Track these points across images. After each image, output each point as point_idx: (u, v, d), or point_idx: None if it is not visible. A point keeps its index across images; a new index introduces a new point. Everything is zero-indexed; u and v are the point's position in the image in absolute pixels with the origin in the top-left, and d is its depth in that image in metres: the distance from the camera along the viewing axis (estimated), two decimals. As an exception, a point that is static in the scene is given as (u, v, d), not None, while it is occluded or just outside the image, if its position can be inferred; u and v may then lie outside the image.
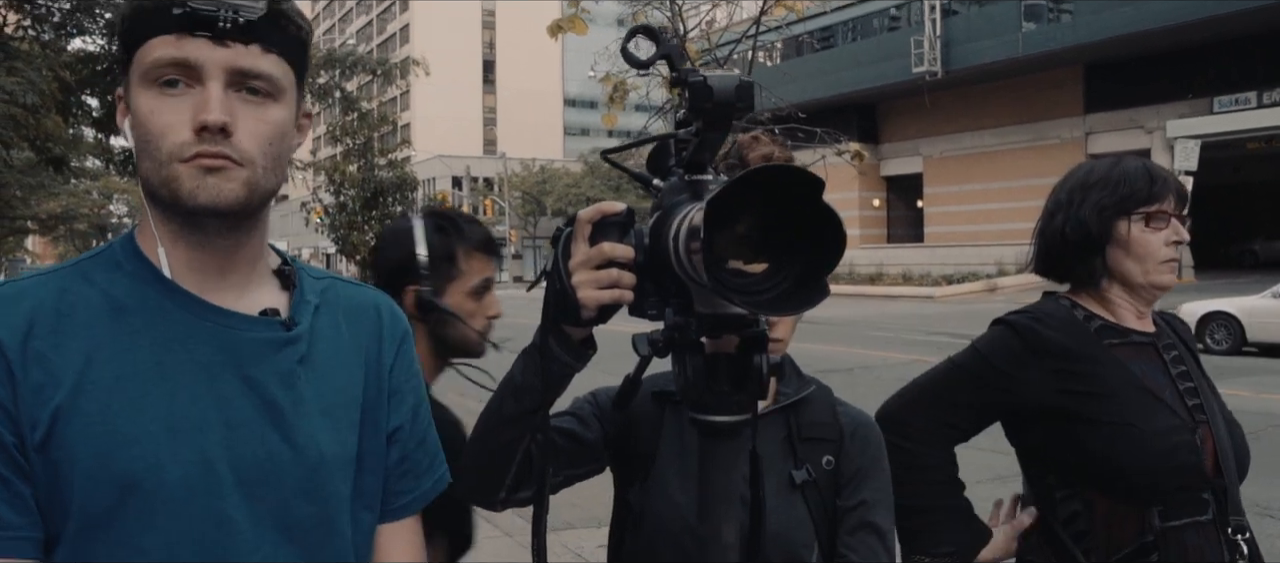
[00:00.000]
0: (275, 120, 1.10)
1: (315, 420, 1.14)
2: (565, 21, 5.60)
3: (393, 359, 1.27)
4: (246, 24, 1.05)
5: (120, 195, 42.04)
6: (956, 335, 18.63)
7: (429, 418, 1.33)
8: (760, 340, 1.12)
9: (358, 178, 13.61)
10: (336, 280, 1.29)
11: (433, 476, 1.31)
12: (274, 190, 1.14)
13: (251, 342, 1.12)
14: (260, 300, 1.17)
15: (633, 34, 1.18)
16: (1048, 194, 2.04)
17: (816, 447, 1.59)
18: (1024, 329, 1.87)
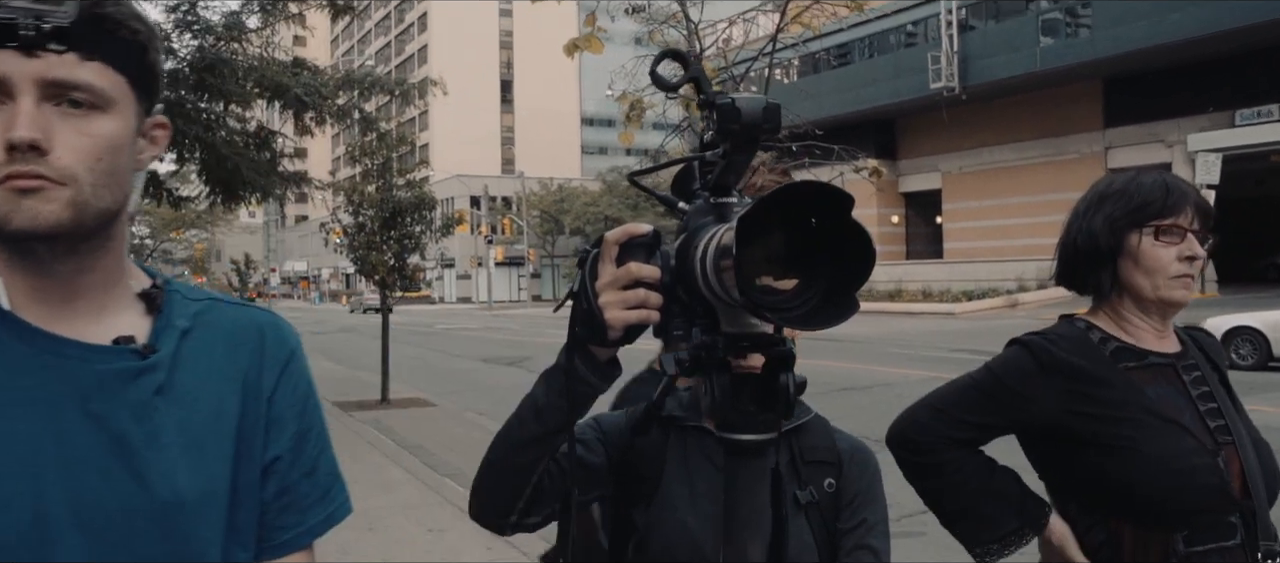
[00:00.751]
0: (103, 133, 1.01)
1: (175, 455, 1.05)
2: (582, 41, 5.61)
3: (274, 385, 1.17)
4: (58, 31, 0.97)
5: (142, 217, 42.39)
6: (977, 352, 18.53)
7: (321, 446, 1.23)
8: (786, 359, 1.13)
9: (376, 198, 13.62)
10: (219, 301, 1.20)
11: (324, 509, 1.21)
12: (113, 208, 1.05)
13: (98, 373, 1.03)
14: (117, 327, 1.08)
15: (661, 58, 1.19)
16: (1068, 209, 2.04)
17: (818, 470, 1.61)
18: (1038, 349, 1.85)
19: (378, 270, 13.54)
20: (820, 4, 5.64)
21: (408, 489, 7.99)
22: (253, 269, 40.82)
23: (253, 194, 12.39)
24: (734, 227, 0.96)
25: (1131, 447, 1.74)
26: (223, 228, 54.15)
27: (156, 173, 13.59)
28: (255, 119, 13.06)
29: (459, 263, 71.40)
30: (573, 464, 1.29)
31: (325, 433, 1.25)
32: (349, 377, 17.93)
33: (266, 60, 11.58)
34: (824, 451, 1.64)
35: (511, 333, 31.16)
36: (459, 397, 14.75)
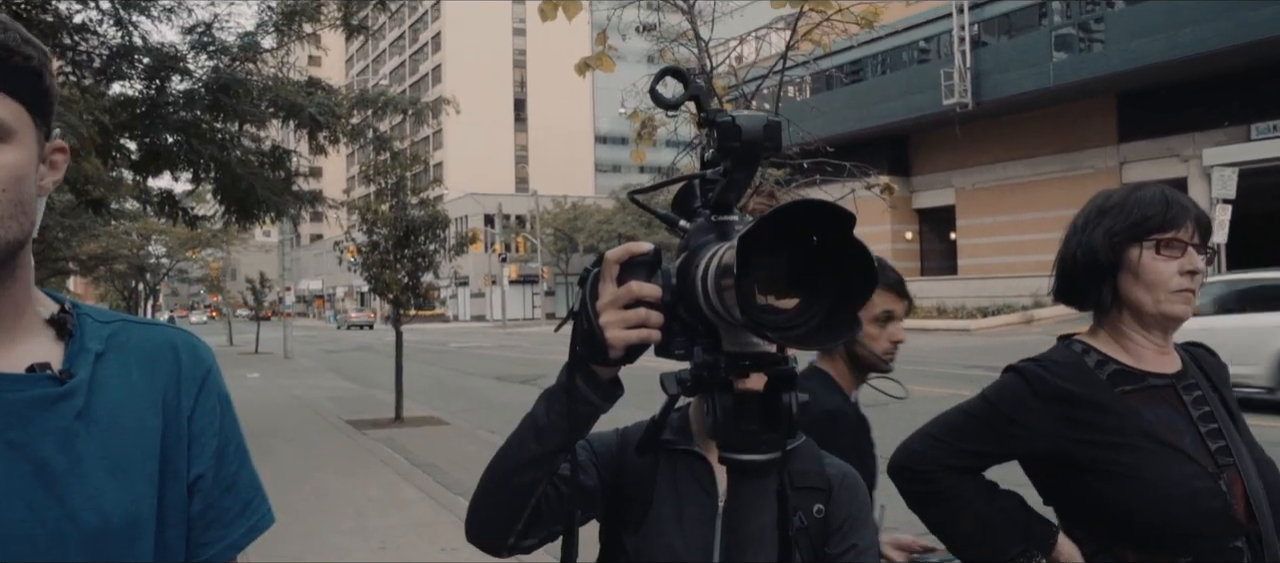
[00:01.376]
0: (7, 164, 1.00)
1: (100, 480, 1.04)
2: (593, 60, 5.61)
3: (192, 403, 1.17)
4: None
5: (158, 236, 42.57)
6: (993, 369, 18.38)
7: (240, 460, 1.22)
8: (789, 379, 1.12)
9: (390, 217, 13.68)
10: (129, 323, 1.18)
11: (245, 522, 1.21)
12: (21, 237, 1.03)
13: (16, 402, 1.02)
14: (30, 354, 1.06)
15: (661, 75, 1.19)
16: None
17: (808, 496, 1.60)
18: (1032, 376, 1.84)
19: (391, 289, 13.58)
20: (831, 21, 5.65)
21: (421, 508, 7.98)
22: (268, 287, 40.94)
23: (267, 213, 12.45)
24: (735, 245, 0.95)
25: (1130, 473, 1.72)
26: (238, 247, 54.38)
27: (172, 192, 13.68)
28: (270, 138, 13.13)
29: (473, 281, 71.52)
30: (575, 485, 1.28)
31: (244, 447, 1.25)
32: (363, 395, 17.97)
33: (281, 80, 11.64)
34: (813, 476, 1.63)
35: (525, 351, 31.16)
36: (472, 415, 14.76)
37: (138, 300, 48.13)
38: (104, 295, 54.09)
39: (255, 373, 23.80)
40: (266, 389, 18.75)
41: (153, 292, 51.36)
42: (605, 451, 1.62)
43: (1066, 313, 15.98)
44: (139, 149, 11.47)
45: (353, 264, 14.73)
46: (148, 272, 46.66)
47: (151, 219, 31.05)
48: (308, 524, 7.24)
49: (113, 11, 10.15)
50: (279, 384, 20.35)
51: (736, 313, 0.97)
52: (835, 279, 1.00)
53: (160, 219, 16.04)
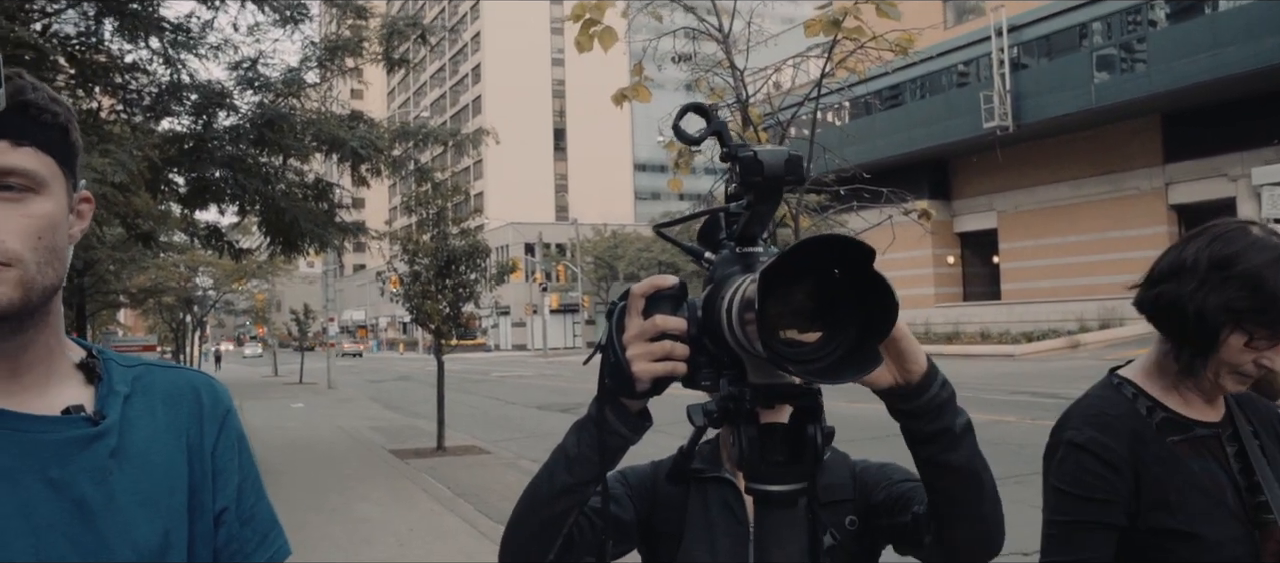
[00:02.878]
0: (40, 214, 1.06)
1: (133, 514, 1.10)
2: (629, 91, 5.67)
3: (214, 440, 1.23)
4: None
5: (205, 268, 43.26)
6: (1039, 394, 18.20)
7: (257, 494, 1.29)
8: (814, 410, 1.13)
9: (432, 247, 13.82)
10: (151, 366, 1.25)
11: (264, 553, 1.27)
12: (54, 284, 1.09)
13: (54, 442, 1.08)
14: (63, 397, 1.12)
15: (684, 112, 1.21)
16: (1129, 247, 1.88)
17: (837, 509, 1.58)
18: (1093, 444, 1.72)
19: (433, 318, 13.69)
20: (866, 49, 5.66)
21: (463, 538, 8.02)
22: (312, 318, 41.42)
23: (311, 245, 12.63)
24: (756, 280, 0.97)
25: (1185, 529, 1.67)
26: (283, 278, 55.09)
27: (218, 226, 13.93)
28: (313, 171, 13.34)
29: (514, 310, 71.88)
30: (607, 514, 1.30)
31: (260, 481, 1.31)
32: (406, 424, 18.09)
33: (324, 114, 11.84)
34: (841, 487, 1.62)
35: (566, 379, 31.22)
36: (514, 444, 14.80)
37: (185, 332, 48.88)
38: (153, 326, 54.97)
39: (299, 403, 24.06)
40: (311, 419, 18.95)
41: (200, 323, 52.12)
42: (640, 482, 1.63)
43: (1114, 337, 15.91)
44: (187, 184, 11.69)
45: (395, 295, 14.88)
46: (195, 303, 47.39)
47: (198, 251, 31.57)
48: (350, 553, 7.30)
49: (162, 50, 10.38)
50: (323, 414, 20.55)
51: (758, 346, 0.99)
52: (858, 313, 1.01)
53: (207, 251, 16.31)
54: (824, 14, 5.45)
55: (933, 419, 1.20)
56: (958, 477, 1.24)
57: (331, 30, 12.36)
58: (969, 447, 1.23)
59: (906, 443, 1.24)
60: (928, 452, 1.22)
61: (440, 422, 13.89)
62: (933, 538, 1.36)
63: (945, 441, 1.21)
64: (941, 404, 1.20)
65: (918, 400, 1.19)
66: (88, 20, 10.11)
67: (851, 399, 1.28)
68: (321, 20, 13.13)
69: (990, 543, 1.32)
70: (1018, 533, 6.24)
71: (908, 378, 1.18)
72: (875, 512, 1.58)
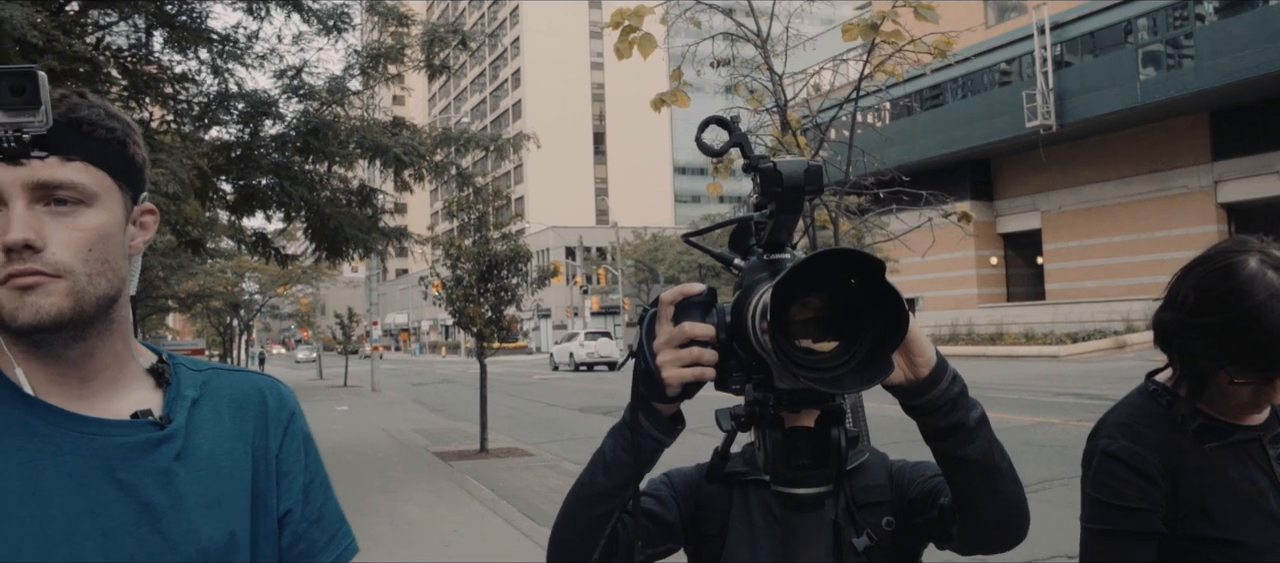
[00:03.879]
0: (91, 226, 1.10)
1: (198, 515, 1.14)
2: (668, 96, 5.71)
3: (279, 443, 1.27)
4: (37, 139, 1.06)
5: (251, 273, 43.93)
6: (1083, 395, 17.98)
7: (325, 493, 1.33)
8: (837, 415, 1.17)
9: (473, 251, 13.91)
10: (220, 371, 1.29)
11: (333, 552, 1.31)
12: (108, 294, 1.13)
13: (122, 445, 1.13)
14: (132, 402, 1.17)
15: (706, 124, 1.25)
16: (1177, 246, 1.85)
17: (874, 511, 1.60)
18: (1127, 454, 1.71)
19: (476, 322, 13.80)
20: (904, 52, 5.65)
21: (507, 539, 8.09)
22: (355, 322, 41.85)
23: (356, 250, 12.79)
24: (770, 291, 1.01)
25: (1228, 538, 1.65)
26: (327, 283, 55.75)
27: (265, 232, 14.16)
28: (357, 177, 13.51)
29: (555, 313, 72.09)
30: (638, 517, 1.34)
31: (327, 481, 1.35)
32: (449, 427, 18.24)
33: (367, 121, 11.99)
34: (879, 489, 1.64)
35: (608, 382, 31.28)
36: (556, 446, 14.88)
37: (232, 336, 49.64)
38: (201, 331, 55.88)
39: (344, 406, 24.33)
40: (355, 422, 19.17)
41: (246, 327, 52.89)
42: (684, 484, 1.67)
43: (1158, 338, 15.39)
44: (234, 191, 11.90)
45: (437, 299, 15.02)
46: (241, 308, 48.11)
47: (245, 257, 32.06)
48: (395, 554, 7.40)
49: (210, 61, 10.59)
50: (367, 417, 20.77)
51: (773, 356, 1.03)
52: (873, 322, 1.05)
53: (253, 257, 16.57)
54: (862, 18, 5.45)
55: (945, 414, 1.22)
56: (976, 469, 1.26)
57: (374, 38, 12.52)
58: (985, 439, 1.25)
59: (924, 439, 1.27)
60: (944, 447, 1.25)
61: (483, 424, 14.00)
62: (959, 529, 1.39)
63: (960, 435, 1.23)
64: (953, 399, 1.22)
65: (928, 396, 1.21)
66: (139, 33, 10.33)
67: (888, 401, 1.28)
68: (363, 28, 13.30)
69: (1014, 530, 1.34)
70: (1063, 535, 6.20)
71: (917, 374, 1.21)
72: (910, 510, 1.60)
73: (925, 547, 1.65)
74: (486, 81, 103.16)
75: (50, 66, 7.09)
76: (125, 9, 9.58)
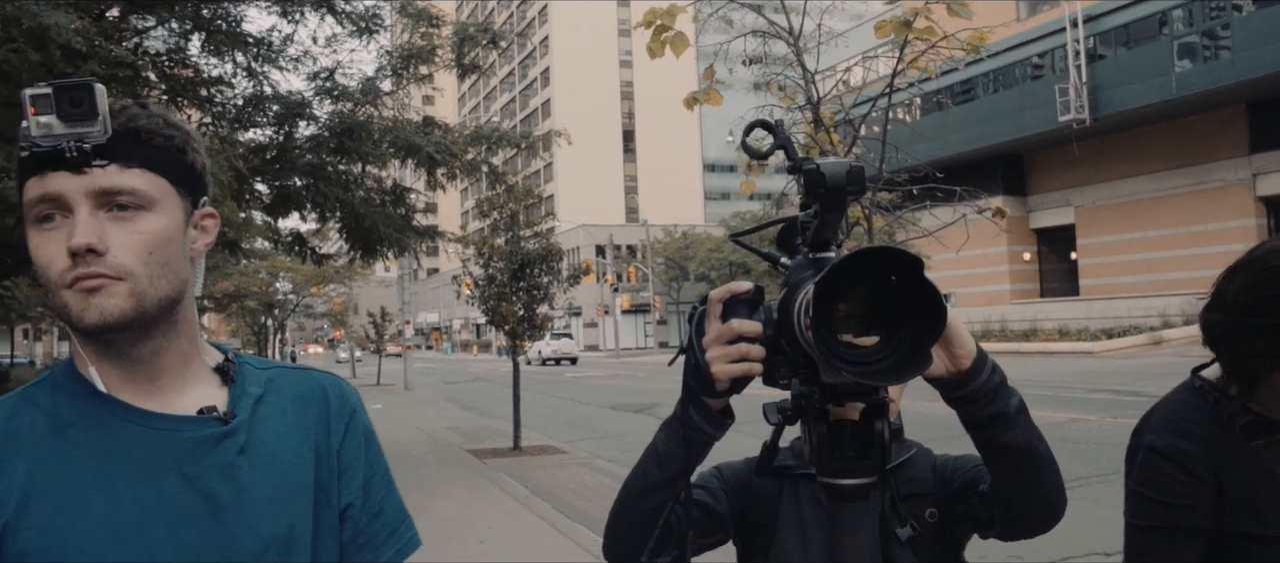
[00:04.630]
0: (150, 230, 1.14)
1: (260, 508, 1.19)
2: (701, 94, 5.73)
3: (340, 439, 1.31)
4: (97, 148, 1.11)
5: (285, 273, 44.37)
6: (1120, 392, 17.82)
7: (386, 488, 1.37)
8: (881, 408, 1.20)
9: (505, 250, 13.99)
10: (284, 369, 1.34)
11: (394, 545, 1.35)
12: (172, 294, 1.18)
13: (188, 440, 1.18)
14: (199, 399, 1.22)
15: (750, 128, 1.29)
16: (1215, 240, 1.84)
17: (918, 502, 1.64)
18: (1177, 453, 1.70)
19: (508, 320, 13.88)
20: (937, 49, 5.64)
21: (542, 536, 8.15)
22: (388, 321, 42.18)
23: (390, 249, 12.91)
24: (813, 289, 1.04)
25: (1273, 535, 1.64)
26: (360, 282, 56.18)
27: (300, 232, 14.31)
28: (391, 177, 13.63)
29: (586, 311, 72.27)
30: (689, 508, 1.38)
31: (389, 476, 1.39)
32: (482, 425, 18.36)
33: (400, 122, 12.10)
34: (923, 481, 1.68)
35: (639, 380, 31.34)
36: (589, 444, 14.94)
37: (266, 335, 50.14)
38: (236, 331, 56.47)
39: (378, 404, 24.53)
40: (390, 420, 19.32)
41: (280, 327, 53.40)
42: (734, 478, 1.71)
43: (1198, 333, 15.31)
44: (270, 192, 12.04)
45: (470, 296, 15.11)
46: (275, 308, 48.57)
47: (278, 257, 32.38)
48: (431, 552, 7.45)
49: (246, 64, 10.72)
50: (401, 416, 20.93)
51: (816, 350, 1.07)
52: (913, 317, 1.08)
53: (288, 257, 16.75)
54: (895, 16, 5.45)
55: (987, 404, 1.26)
56: (1018, 455, 1.31)
57: (405, 39, 12.63)
58: (1025, 426, 1.30)
59: (965, 429, 1.30)
60: (986, 435, 1.29)
61: (516, 422, 14.07)
62: (1000, 514, 1.43)
63: (1001, 423, 1.28)
64: (994, 389, 1.27)
65: (970, 387, 1.25)
66: (176, 37, 10.49)
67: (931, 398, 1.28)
68: (394, 30, 13.41)
69: (1054, 511, 1.39)
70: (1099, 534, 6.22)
71: (958, 366, 1.24)
72: (953, 500, 1.64)
73: (969, 538, 1.67)
74: (516, 80, 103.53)
75: (93, 71, 7.23)
76: (163, 14, 9.73)
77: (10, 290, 15.04)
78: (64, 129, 1.10)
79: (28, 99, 1.10)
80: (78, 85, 1.10)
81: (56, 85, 1.10)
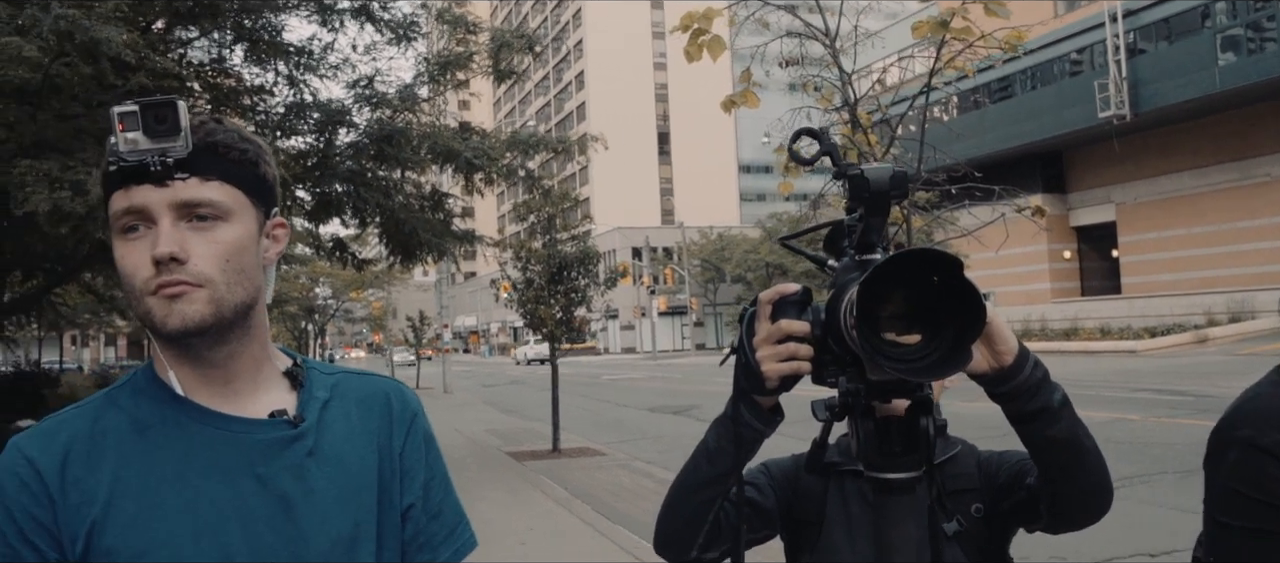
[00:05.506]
0: (227, 239, 1.20)
1: (329, 507, 1.24)
2: (738, 97, 5.76)
3: (402, 442, 1.37)
4: (178, 162, 1.17)
5: (325, 278, 44.85)
6: (1163, 391, 17.60)
7: (445, 490, 1.42)
8: (925, 404, 1.24)
9: (543, 254, 14.07)
10: (349, 374, 1.40)
11: (452, 545, 1.40)
12: (245, 302, 1.24)
13: (261, 442, 1.23)
14: (270, 402, 1.28)
15: (797, 136, 1.34)
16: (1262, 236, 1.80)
17: (963, 498, 1.67)
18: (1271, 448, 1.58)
19: (546, 323, 13.96)
20: (974, 48, 5.63)
21: (582, 537, 8.21)
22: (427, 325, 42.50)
23: (429, 253, 13.03)
24: (856, 290, 1.09)
25: None
26: (398, 286, 56.65)
27: (340, 238, 14.48)
28: (430, 182, 13.76)
29: (622, 313, 72.39)
30: (741, 502, 1.42)
31: (448, 479, 1.44)
32: (521, 427, 18.46)
33: (438, 128, 12.22)
34: (965, 478, 1.71)
35: (676, 382, 31.35)
36: (628, 446, 14.98)
37: (306, 340, 50.71)
38: (276, 335, 57.01)
39: (418, 408, 24.72)
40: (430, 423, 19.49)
41: (320, 331, 53.98)
42: (782, 474, 1.75)
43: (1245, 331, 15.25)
44: (311, 199, 12.19)
45: (508, 300, 15.21)
46: (315, 312, 49.10)
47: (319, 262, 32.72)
48: (473, 553, 7.55)
49: (287, 73, 10.88)
50: (440, 418, 21.09)
51: (860, 349, 1.12)
52: (955, 317, 1.12)
53: (329, 262, 16.93)
54: (932, 16, 5.45)
55: (1030, 399, 1.30)
56: (1063, 449, 1.34)
57: (443, 46, 12.76)
58: (1069, 419, 1.33)
59: (1011, 424, 1.34)
60: (1030, 429, 1.32)
61: (555, 424, 14.15)
62: (1047, 507, 1.46)
63: (1046, 417, 1.31)
64: (1037, 384, 1.30)
65: (1012, 383, 1.29)
66: (218, 48, 10.67)
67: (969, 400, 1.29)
68: (432, 37, 13.54)
69: (1099, 504, 1.42)
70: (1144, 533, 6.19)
71: (1001, 363, 1.28)
72: (999, 495, 1.66)
73: (1014, 534, 1.70)
74: (550, 84, 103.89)
75: (141, 83, 7.38)
76: (207, 26, 9.91)
77: (62, 297, 15.32)
78: (149, 145, 1.16)
79: (116, 117, 1.16)
80: (162, 103, 1.16)
81: (143, 103, 1.16)
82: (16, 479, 1.17)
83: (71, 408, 1.26)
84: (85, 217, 6.97)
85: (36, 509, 1.15)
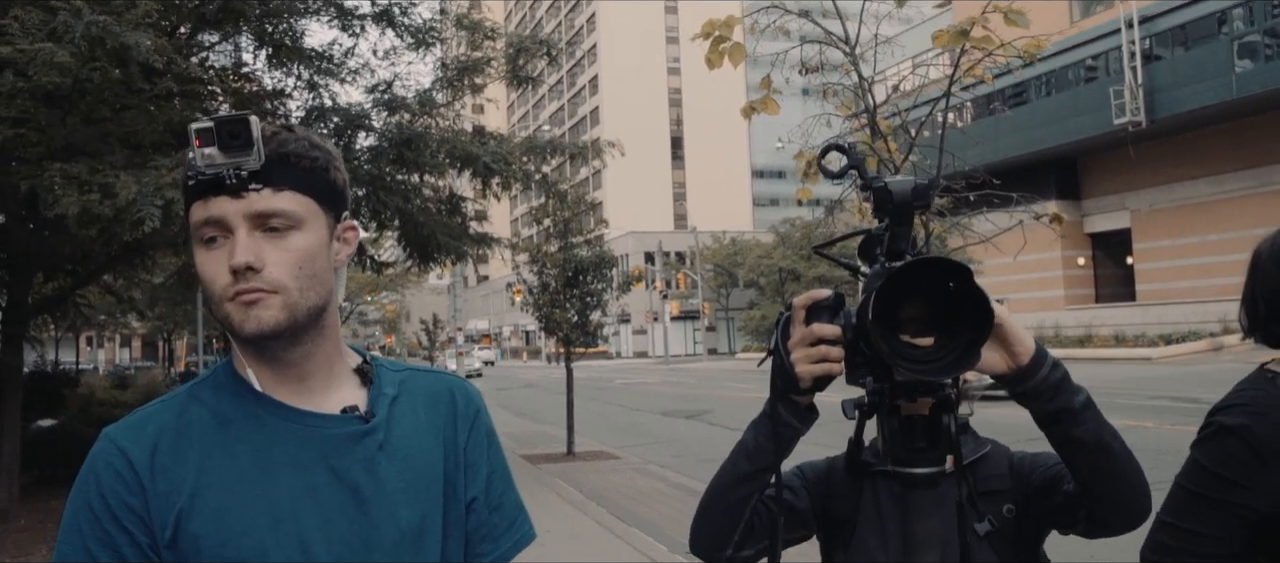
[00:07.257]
0: (300, 247, 1.26)
1: (397, 499, 1.30)
2: (758, 103, 5.82)
3: (466, 437, 1.43)
4: (253, 174, 1.23)
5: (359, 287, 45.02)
6: (1179, 399, 17.57)
7: (505, 483, 1.48)
8: (948, 403, 1.32)
9: (558, 258, 14.13)
10: (415, 372, 1.47)
11: (511, 537, 1.46)
12: (319, 304, 1.30)
13: (334, 437, 1.30)
14: (342, 399, 1.34)
15: (826, 150, 1.42)
16: None
17: (995, 498, 1.68)
18: (1243, 432, 1.70)
19: (562, 327, 14.03)
20: (992, 56, 5.67)
21: (598, 539, 8.28)
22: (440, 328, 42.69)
23: (447, 257, 13.11)
24: (873, 298, 1.17)
25: None
26: (412, 289, 56.89)
27: (361, 241, 14.57)
28: (447, 186, 13.84)
29: (635, 318, 72.46)
30: (779, 496, 1.49)
31: (508, 472, 1.51)
32: (536, 431, 18.55)
33: (456, 132, 12.30)
34: (997, 479, 1.71)
35: (690, 387, 31.40)
36: (641, 450, 15.04)
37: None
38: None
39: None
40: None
41: (335, 334, 54.11)
42: (815, 475, 1.79)
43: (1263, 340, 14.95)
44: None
45: (523, 304, 15.28)
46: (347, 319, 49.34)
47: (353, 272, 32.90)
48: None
49: (307, 78, 10.98)
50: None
51: (879, 350, 1.20)
52: (969, 321, 1.21)
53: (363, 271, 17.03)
54: (951, 26, 5.50)
55: (1051, 398, 1.36)
56: (1089, 450, 1.39)
57: (461, 52, 12.83)
58: (1093, 420, 1.38)
59: (1037, 426, 1.40)
60: (1055, 431, 1.38)
61: (570, 428, 14.22)
62: (1084, 513, 1.50)
63: (1068, 418, 1.37)
64: (1056, 384, 1.36)
65: (1031, 382, 1.35)
66: (240, 52, 10.77)
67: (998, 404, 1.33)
68: (450, 43, 13.62)
69: (1137, 509, 1.45)
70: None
71: (1017, 362, 1.34)
72: (1032, 497, 1.69)
73: (1047, 535, 1.74)
74: (564, 89, 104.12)
75: (168, 87, 7.48)
76: (229, 31, 10.01)
77: (84, 298, 15.47)
78: (224, 159, 1.23)
79: (193, 133, 1.23)
80: (235, 119, 1.23)
81: (218, 120, 1.23)
82: (111, 469, 1.24)
83: (157, 402, 1.34)
84: (113, 219, 7.07)
85: (129, 497, 1.23)
